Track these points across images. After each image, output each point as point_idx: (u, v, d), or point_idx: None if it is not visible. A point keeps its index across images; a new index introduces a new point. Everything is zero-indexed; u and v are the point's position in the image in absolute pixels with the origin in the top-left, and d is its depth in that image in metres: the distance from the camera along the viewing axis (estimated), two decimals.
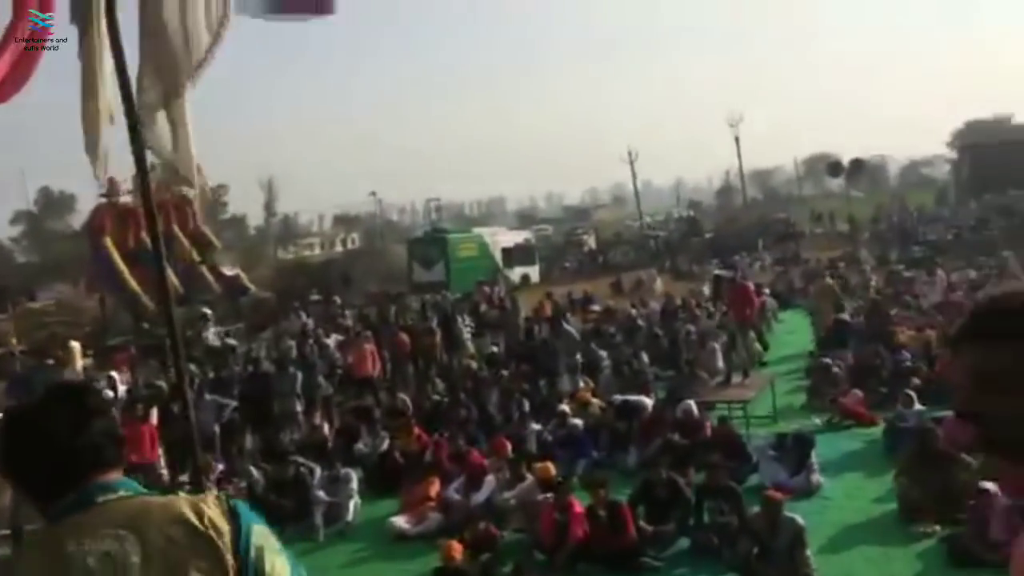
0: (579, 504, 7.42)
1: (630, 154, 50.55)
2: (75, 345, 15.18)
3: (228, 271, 21.01)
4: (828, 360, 11.70)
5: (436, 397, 12.90)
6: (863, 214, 35.59)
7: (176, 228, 32.01)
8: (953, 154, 60.62)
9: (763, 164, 74.46)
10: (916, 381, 10.53)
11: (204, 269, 21.46)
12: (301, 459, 9.56)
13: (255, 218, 64.67)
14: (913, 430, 8.67)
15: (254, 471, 9.60)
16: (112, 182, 31.58)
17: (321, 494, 8.77)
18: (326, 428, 11.52)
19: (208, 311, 18.47)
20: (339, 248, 57.68)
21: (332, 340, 15.56)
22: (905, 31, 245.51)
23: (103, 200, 31.38)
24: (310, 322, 18.17)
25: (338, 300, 21.44)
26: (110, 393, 11.21)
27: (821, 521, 7.45)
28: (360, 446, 10.50)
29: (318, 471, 9.25)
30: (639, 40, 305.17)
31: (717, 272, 19.67)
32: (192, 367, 12.57)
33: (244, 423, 11.47)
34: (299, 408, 11.80)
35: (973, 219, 28.89)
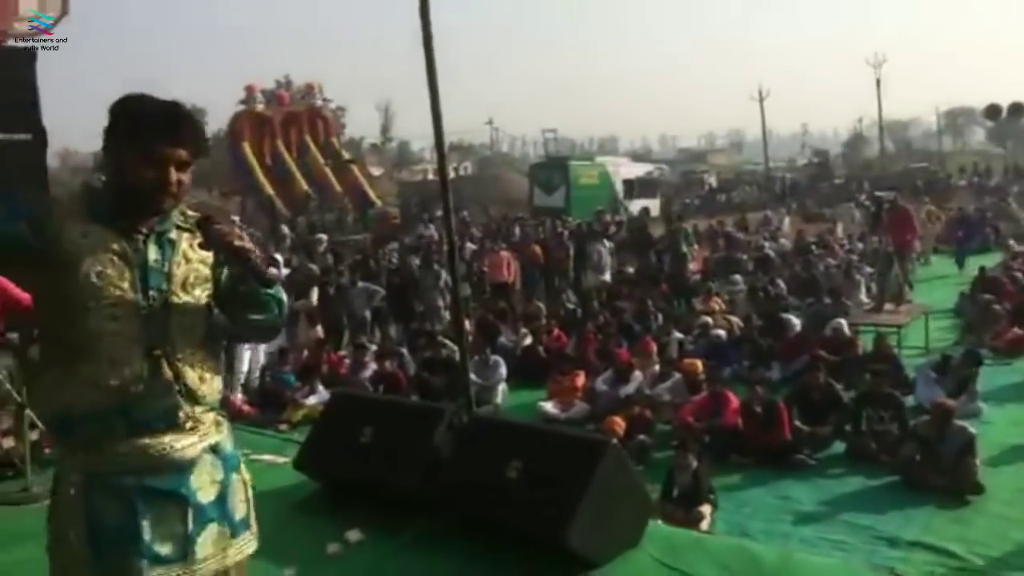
0: (735, 398, 7.48)
1: (760, 92, 48.26)
2: None
3: (376, 171, 21.50)
4: (990, 296, 11.19)
5: (570, 306, 13.09)
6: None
7: (309, 139, 33.33)
8: None
9: (897, 115, 69.82)
10: None
11: (355, 168, 21.85)
12: (449, 343, 9.90)
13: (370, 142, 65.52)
14: None
15: (405, 352, 10.07)
16: (250, 90, 32.98)
17: (472, 376, 9.09)
18: (467, 323, 11.84)
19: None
20: (451, 175, 57.94)
21: (466, 250, 15.87)
22: None
23: (241, 108, 32.80)
24: (435, 234, 18.54)
25: (466, 214, 21.79)
26: (274, 271, 11.84)
27: (983, 442, 7.24)
28: (503, 340, 10.79)
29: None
30: None
31: (877, 194, 18.96)
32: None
33: (389, 313, 11.98)
34: (442, 303, 12.16)
35: None
